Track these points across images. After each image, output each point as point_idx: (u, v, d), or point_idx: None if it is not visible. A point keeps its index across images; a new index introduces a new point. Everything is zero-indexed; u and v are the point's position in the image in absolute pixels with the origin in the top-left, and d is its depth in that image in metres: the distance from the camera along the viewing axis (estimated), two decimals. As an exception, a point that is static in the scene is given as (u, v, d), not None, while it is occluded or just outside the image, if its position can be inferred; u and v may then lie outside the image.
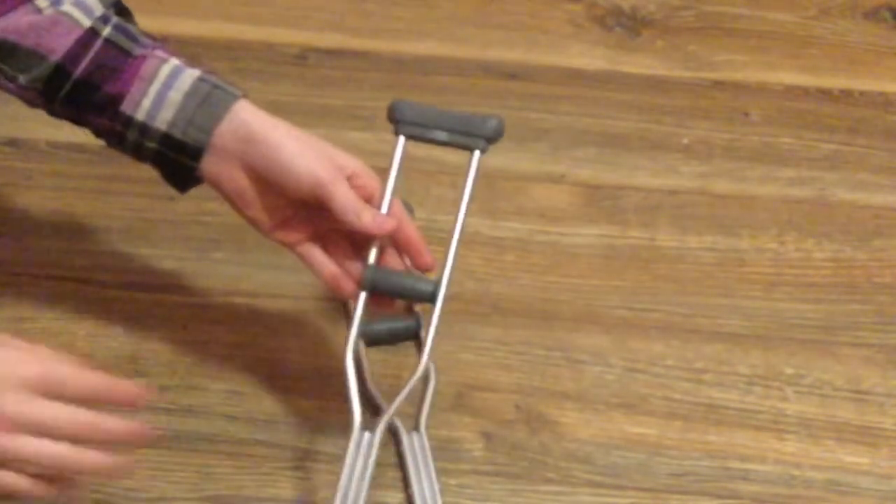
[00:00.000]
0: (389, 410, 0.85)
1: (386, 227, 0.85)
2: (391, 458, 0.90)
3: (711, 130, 1.18)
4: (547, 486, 0.89)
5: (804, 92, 1.23)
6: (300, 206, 0.87)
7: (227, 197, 0.87)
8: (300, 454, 0.90)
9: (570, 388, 0.96)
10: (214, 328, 0.97)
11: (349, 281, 0.87)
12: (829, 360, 0.99)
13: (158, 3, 1.22)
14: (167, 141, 0.85)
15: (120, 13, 0.88)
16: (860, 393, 0.97)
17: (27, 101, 0.88)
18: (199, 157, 0.85)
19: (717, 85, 1.23)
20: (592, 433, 0.93)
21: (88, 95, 0.85)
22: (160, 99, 0.85)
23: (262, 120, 0.85)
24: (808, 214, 1.10)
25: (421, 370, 0.85)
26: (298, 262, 0.88)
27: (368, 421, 0.85)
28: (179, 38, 1.19)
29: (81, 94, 0.85)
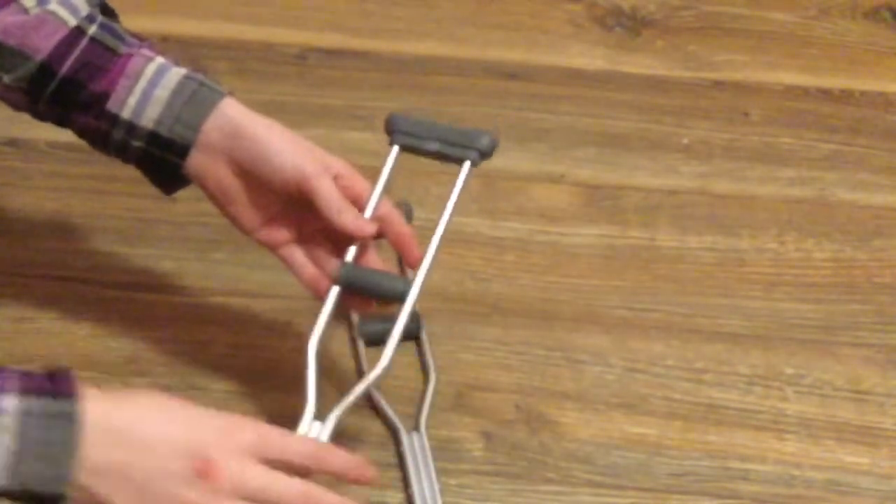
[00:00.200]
0: (343, 402, 0.82)
1: (366, 230, 0.85)
2: (391, 458, 0.90)
3: (711, 130, 1.18)
4: (547, 486, 0.89)
5: (804, 92, 1.23)
6: (284, 205, 0.87)
7: (211, 195, 0.87)
8: (300, 454, 0.90)
9: (570, 388, 0.96)
10: (214, 328, 0.97)
11: (328, 283, 0.86)
12: (829, 360, 0.99)
13: (158, 3, 1.22)
14: (153, 139, 0.85)
15: (105, 13, 0.88)
16: (860, 393, 0.97)
17: (11, 102, 0.88)
18: (185, 154, 0.85)
19: (717, 85, 1.23)
20: (592, 433, 0.93)
21: (74, 94, 0.85)
22: (146, 97, 0.84)
23: (248, 116, 0.85)
24: (808, 214, 1.10)
25: (379, 370, 0.83)
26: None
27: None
28: (179, 38, 1.19)
29: (67, 92, 0.85)
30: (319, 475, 0.77)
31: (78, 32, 0.85)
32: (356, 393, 0.83)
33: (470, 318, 1.00)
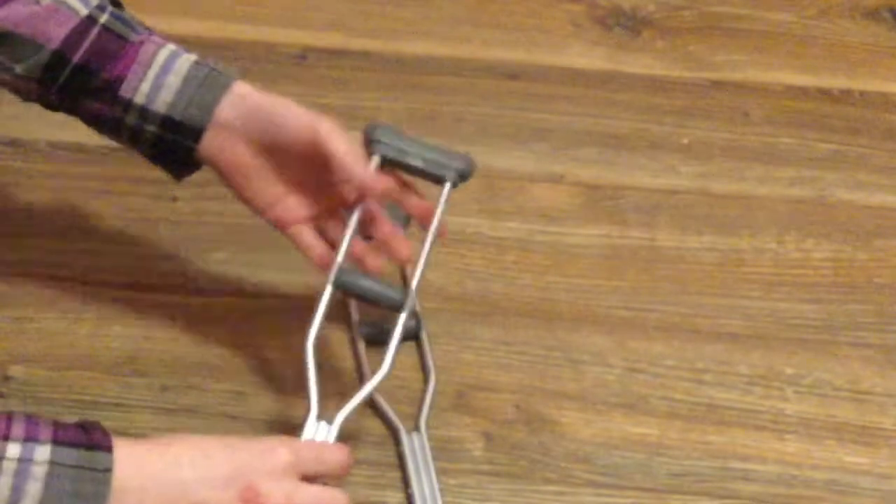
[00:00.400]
0: (349, 405, 0.83)
1: (381, 182, 0.86)
2: (391, 458, 0.90)
3: (711, 130, 1.18)
4: (547, 486, 0.89)
5: (804, 92, 1.23)
6: (300, 175, 0.87)
7: (225, 175, 0.88)
8: (300, 454, 0.90)
9: (570, 388, 0.96)
10: (214, 328, 0.97)
11: (321, 245, 0.88)
12: (829, 360, 0.99)
13: (158, 2, 1.22)
14: (167, 123, 0.86)
15: (112, 2, 0.88)
16: (860, 393, 0.97)
17: (22, 92, 0.88)
18: (199, 137, 0.86)
19: (717, 85, 1.23)
20: (593, 433, 0.93)
21: (87, 81, 0.86)
22: (159, 82, 0.85)
23: (260, 93, 0.87)
24: (808, 214, 1.10)
25: (383, 373, 0.84)
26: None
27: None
28: (180, 37, 1.18)
29: (79, 80, 0.86)
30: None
31: (89, 21, 0.85)
32: (360, 396, 0.83)
33: (470, 318, 1.00)
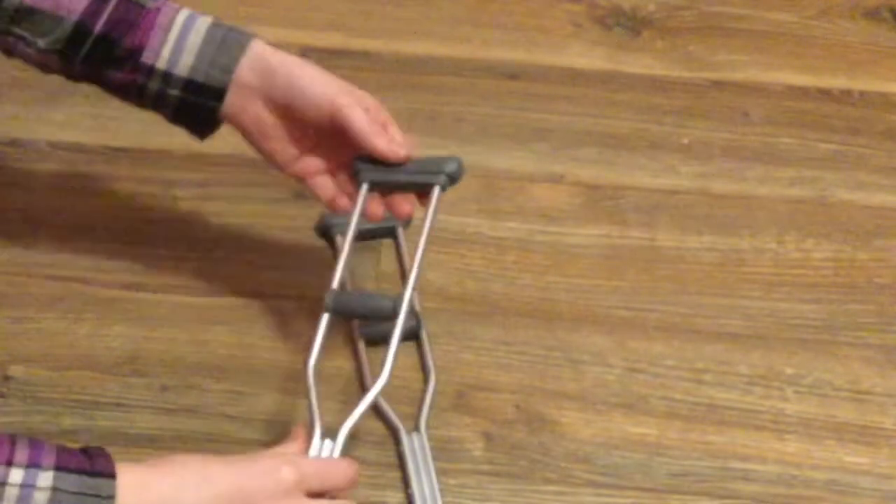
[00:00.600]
0: (351, 418, 0.82)
1: (400, 153, 0.88)
2: (391, 458, 0.90)
3: (711, 130, 1.18)
4: (547, 486, 0.89)
5: (804, 92, 1.23)
6: (318, 136, 0.90)
7: (248, 133, 0.91)
8: (300, 454, 0.90)
9: (570, 388, 0.96)
10: (214, 328, 0.97)
11: (344, 198, 0.91)
12: (829, 360, 0.99)
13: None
14: (190, 86, 0.88)
15: None
16: (860, 393, 0.96)
17: (45, 66, 0.90)
18: (221, 97, 0.88)
19: (717, 85, 1.23)
20: (593, 433, 0.93)
21: (109, 51, 0.88)
22: (179, 46, 0.88)
23: (279, 54, 0.89)
24: (808, 214, 1.10)
25: (382, 382, 0.83)
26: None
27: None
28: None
29: (102, 50, 0.88)
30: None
31: None
32: (362, 407, 0.83)
33: (470, 318, 1.00)
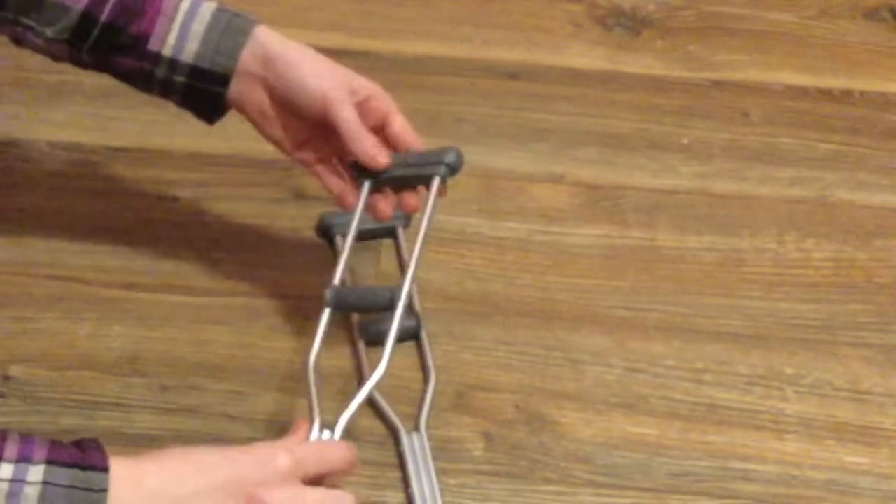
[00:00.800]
0: (348, 410, 0.82)
1: (379, 161, 0.89)
2: (391, 458, 0.90)
3: (711, 130, 1.18)
4: (547, 486, 0.89)
5: (804, 92, 1.23)
6: (314, 129, 0.90)
7: (251, 119, 0.92)
8: (300, 454, 0.90)
9: (570, 388, 0.96)
10: (214, 328, 0.97)
11: (354, 195, 0.91)
12: (829, 360, 0.99)
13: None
14: (195, 72, 0.89)
15: None
16: (860, 393, 0.96)
17: (54, 55, 0.92)
18: (227, 83, 0.89)
19: (717, 85, 1.23)
20: (592, 433, 0.93)
21: (115, 38, 0.89)
22: (184, 33, 0.89)
23: (281, 43, 0.90)
24: (808, 214, 1.10)
25: (378, 375, 0.83)
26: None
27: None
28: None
29: (108, 38, 0.89)
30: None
31: None
32: (359, 399, 0.82)
33: (470, 318, 1.00)
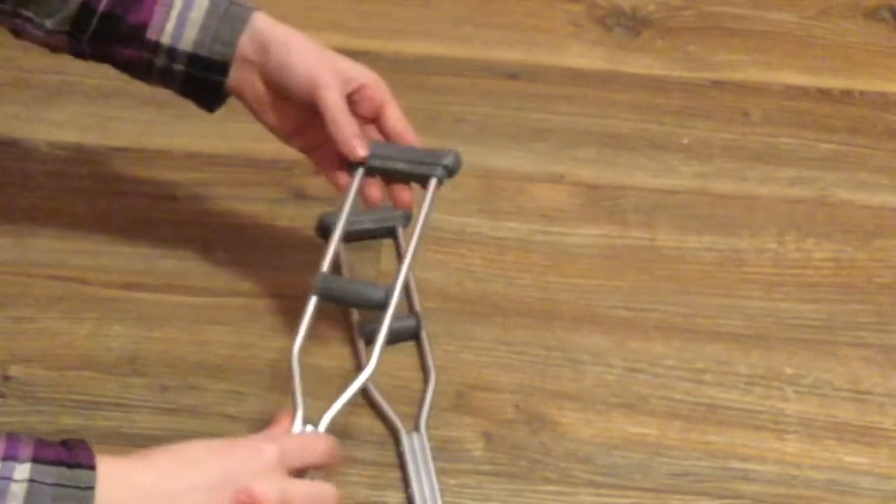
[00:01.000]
0: (334, 406, 0.82)
1: (357, 152, 0.89)
2: (391, 458, 0.90)
3: (711, 130, 1.18)
4: (547, 486, 0.89)
5: (804, 92, 1.23)
6: (310, 113, 0.90)
7: (248, 106, 0.92)
8: (300, 454, 0.90)
9: (570, 388, 0.96)
10: (214, 328, 0.97)
11: (345, 175, 0.91)
12: (829, 360, 0.99)
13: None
14: (194, 60, 0.89)
15: None
16: (860, 393, 0.96)
17: (53, 46, 0.92)
18: (226, 71, 0.90)
19: (717, 85, 1.23)
20: (592, 433, 0.93)
21: (114, 28, 0.89)
22: (182, 21, 0.89)
23: (275, 29, 0.90)
24: (808, 214, 1.10)
25: (367, 372, 0.83)
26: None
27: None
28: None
29: (107, 28, 0.89)
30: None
31: None
32: (346, 396, 0.82)
33: (470, 318, 1.00)
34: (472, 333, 0.99)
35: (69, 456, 0.71)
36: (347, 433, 0.90)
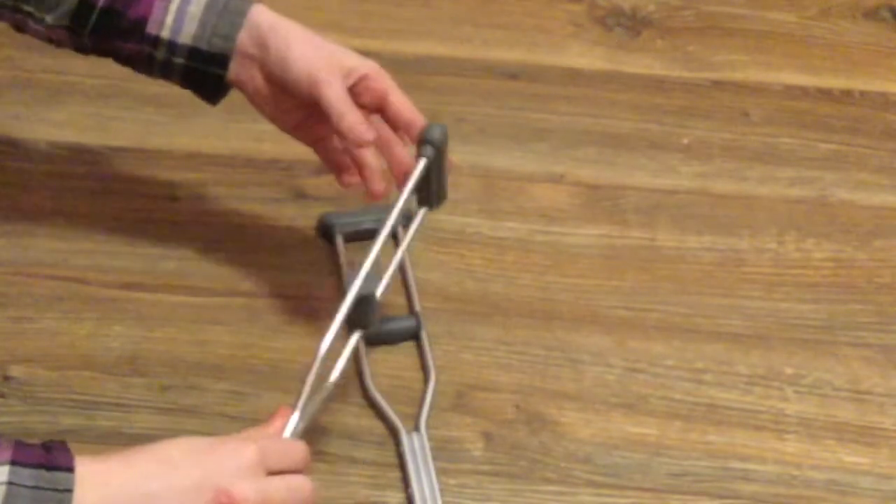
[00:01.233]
0: (302, 396, 0.82)
1: (363, 137, 0.88)
2: (391, 458, 0.90)
3: (711, 130, 1.18)
4: (547, 486, 0.89)
5: (804, 92, 1.23)
6: (308, 110, 0.90)
7: (250, 99, 0.92)
8: (300, 454, 0.90)
9: (570, 388, 0.96)
10: (214, 328, 0.97)
11: (353, 174, 0.92)
12: (829, 360, 0.99)
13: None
14: (194, 54, 0.90)
15: None
16: (860, 393, 0.96)
17: (55, 41, 0.92)
18: (226, 65, 0.90)
19: (717, 85, 1.23)
20: (592, 433, 0.93)
21: (114, 23, 0.89)
22: (182, 15, 0.89)
23: (275, 23, 0.90)
24: (808, 214, 1.10)
25: (335, 375, 0.83)
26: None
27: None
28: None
29: (107, 22, 0.89)
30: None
31: None
32: (305, 394, 0.82)
33: (470, 318, 1.00)
34: (472, 333, 0.99)
35: (48, 458, 0.70)
36: (347, 433, 0.90)
